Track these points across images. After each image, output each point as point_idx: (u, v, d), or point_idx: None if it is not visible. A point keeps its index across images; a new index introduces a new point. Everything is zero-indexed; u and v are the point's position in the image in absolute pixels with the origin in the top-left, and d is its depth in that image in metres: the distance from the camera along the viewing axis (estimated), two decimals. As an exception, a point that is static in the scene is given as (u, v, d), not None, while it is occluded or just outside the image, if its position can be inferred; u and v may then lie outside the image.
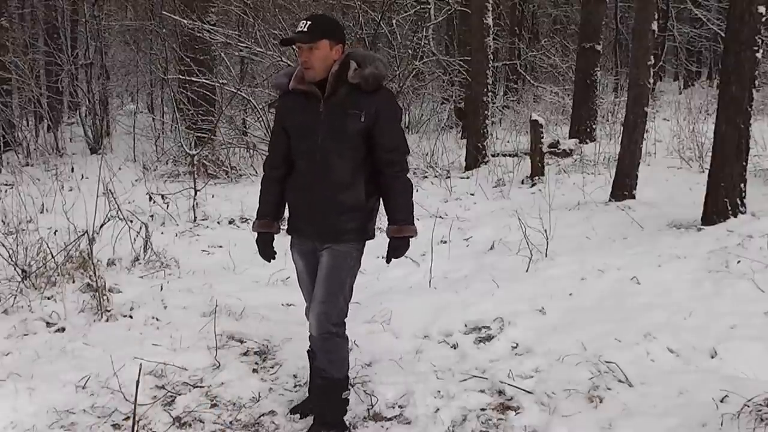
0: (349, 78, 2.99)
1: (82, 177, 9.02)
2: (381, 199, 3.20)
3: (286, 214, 3.32)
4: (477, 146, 9.69)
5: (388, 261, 3.26)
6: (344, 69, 3.01)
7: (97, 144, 11.85)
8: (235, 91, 9.94)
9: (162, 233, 6.48)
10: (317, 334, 3.12)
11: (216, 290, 4.97)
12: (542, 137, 8.68)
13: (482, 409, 3.44)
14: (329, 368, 3.17)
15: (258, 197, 3.35)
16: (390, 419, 3.40)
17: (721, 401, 3.21)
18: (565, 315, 4.39)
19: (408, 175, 3.19)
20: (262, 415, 3.44)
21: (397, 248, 3.21)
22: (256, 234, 3.34)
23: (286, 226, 3.31)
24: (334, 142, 3.02)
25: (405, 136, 3.21)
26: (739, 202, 5.70)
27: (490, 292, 4.80)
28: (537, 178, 8.48)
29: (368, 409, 3.47)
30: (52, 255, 4.98)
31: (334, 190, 3.05)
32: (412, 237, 3.19)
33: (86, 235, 4.99)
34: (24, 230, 5.75)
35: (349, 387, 3.27)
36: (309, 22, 2.98)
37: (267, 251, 3.32)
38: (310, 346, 3.36)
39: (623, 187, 7.14)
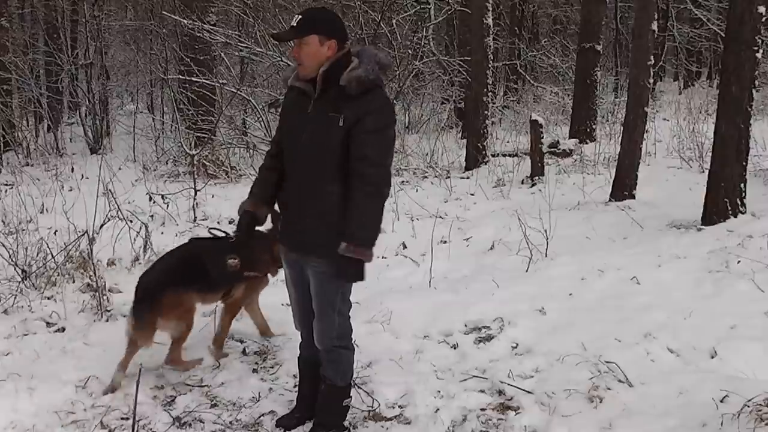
0: (341, 79, 2.81)
1: (82, 177, 9.01)
2: None
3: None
4: (477, 146, 9.69)
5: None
6: (339, 68, 2.83)
7: (97, 144, 11.84)
8: (235, 91, 9.95)
9: (162, 233, 6.47)
10: (321, 348, 3.11)
11: (216, 290, 4.95)
12: (542, 137, 8.68)
13: (482, 409, 3.44)
14: (333, 376, 3.15)
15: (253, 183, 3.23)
16: (390, 419, 3.40)
17: (721, 401, 3.21)
18: (565, 315, 4.39)
19: (378, 192, 2.84)
20: (262, 415, 3.43)
21: (341, 270, 2.84)
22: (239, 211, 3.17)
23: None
24: (314, 145, 2.86)
25: (388, 149, 2.90)
26: (739, 202, 5.70)
27: (490, 292, 4.80)
28: (537, 178, 8.49)
29: (368, 409, 3.47)
30: (52, 255, 4.98)
31: (313, 200, 2.91)
32: (364, 260, 2.83)
33: (86, 235, 4.99)
34: (24, 230, 5.75)
35: (351, 395, 3.27)
36: (300, 17, 2.85)
37: (244, 230, 3.11)
38: (300, 355, 3.35)
39: (623, 187, 7.15)
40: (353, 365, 3.25)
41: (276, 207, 3.18)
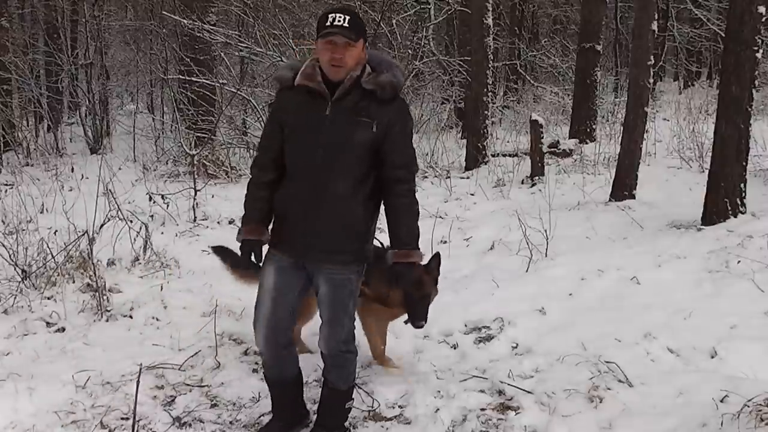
0: (363, 82, 2.79)
1: (82, 177, 9.01)
2: (386, 220, 2.96)
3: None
4: (477, 146, 9.70)
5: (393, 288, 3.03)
6: (362, 72, 2.83)
7: (97, 144, 11.86)
8: (235, 91, 9.95)
9: (162, 233, 6.47)
10: (327, 352, 3.04)
11: (216, 290, 4.94)
12: (542, 137, 8.68)
13: (482, 409, 3.43)
14: (336, 381, 3.11)
15: (243, 203, 3.08)
16: (390, 419, 3.40)
17: (721, 401, 3.21)
18: (565, 315, 4.40)
19: (416, 197, 2.97)
20: (262, 415, 3.43)
21: (401, 275, 2.94)
22: (240, 242, 3.01)
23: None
24: (337, 150, 2.79)
25: (416, 153, 2.98)
26: (739, 202, 5.70)
27: (490, 292, 4.81)
28: (537, 178, 8.49)
29: (368, 409, 3.47)
30: (52, 255, 4.97)
31: (332, 204, 2.82)
32: (417, 263, 2.97)
33: (86, 235, 4.99)
34: (24, 230, 5.74)
35: (353, 397, 3.23)
36: (348, 17, 2.74)
37: (256, 259, 3.00)
38: (267, 378, 3.18)
39: (623, 187, 7.15)
40: (356, 368, 3.21)
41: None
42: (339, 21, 2.72)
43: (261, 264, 3.01)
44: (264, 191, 3.01)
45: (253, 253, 2.99)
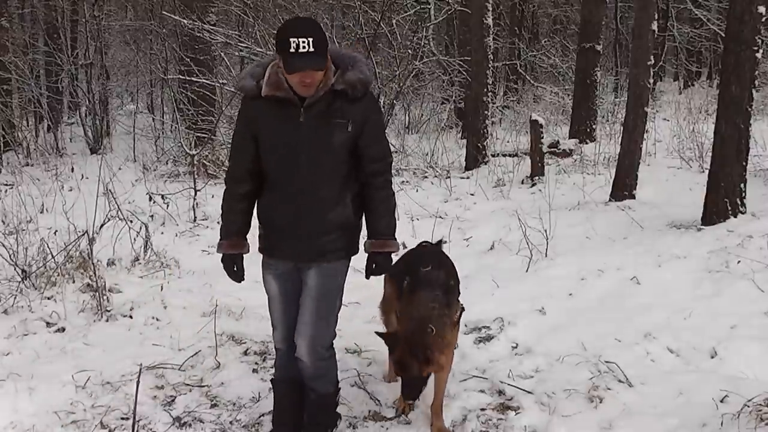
0: (333, 84, 2.73)
1: (82, 177, 9.01)
2: (364, 211, 2.97)
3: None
4: (477, 146, 9.69)
5: (367, 277, 2.98)
6: (328, 74, 2.74)
7: (97, 144, 11.85)
8: (235, 91, 9.94)
9: (162, 233, 6.47)
10: (310, 361, 2.96)
11: (216, 290, 4.95)
12: (542, 137, 8.68)
13: (482, 409, 3.44)
14: (320, 386, 3.06)
15: (221, 215, 3.06)
16: (390, 419, 3.40)
17: (721, 401, 3.21)
18: (565, 315, 4.40)
19: (392, 187, 2.98)
20: (262, 415, 3.43)
21: (379, 264, 2.95)
22: (221, 255, 3.01)
23: (258, 245, 3.04)
24: (319, 155, 2.77)
25: (389, 144, 3.00)
26: (739, 202, 5.70)
27: (490, 292, 4.81)
28: (537, 178, 8.49)
29: (368, 409, 3.47)
30: (52, 255, 4.98)
31: (322, 208, 2.83)
32: (394, 252, 2.97)
33: (86, 235, 4.99)
34: (24, 230, 5.75)
35: (339, 393, 3.20)
36: (311, 39, 2.58)
37: (238, 273, 3.01)
38: (280, 377, 3.14)
39: (623, 187, 7.15)
40: (337, 368, 3.16)
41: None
42: (304, 47, 2.57)
43: (244, 276, 3.04)
44: (242, 203, 2.98)
45: (235, 266, 3.01)
